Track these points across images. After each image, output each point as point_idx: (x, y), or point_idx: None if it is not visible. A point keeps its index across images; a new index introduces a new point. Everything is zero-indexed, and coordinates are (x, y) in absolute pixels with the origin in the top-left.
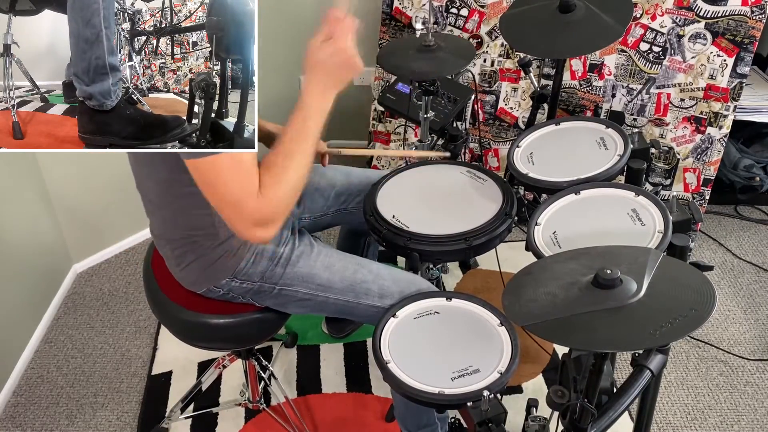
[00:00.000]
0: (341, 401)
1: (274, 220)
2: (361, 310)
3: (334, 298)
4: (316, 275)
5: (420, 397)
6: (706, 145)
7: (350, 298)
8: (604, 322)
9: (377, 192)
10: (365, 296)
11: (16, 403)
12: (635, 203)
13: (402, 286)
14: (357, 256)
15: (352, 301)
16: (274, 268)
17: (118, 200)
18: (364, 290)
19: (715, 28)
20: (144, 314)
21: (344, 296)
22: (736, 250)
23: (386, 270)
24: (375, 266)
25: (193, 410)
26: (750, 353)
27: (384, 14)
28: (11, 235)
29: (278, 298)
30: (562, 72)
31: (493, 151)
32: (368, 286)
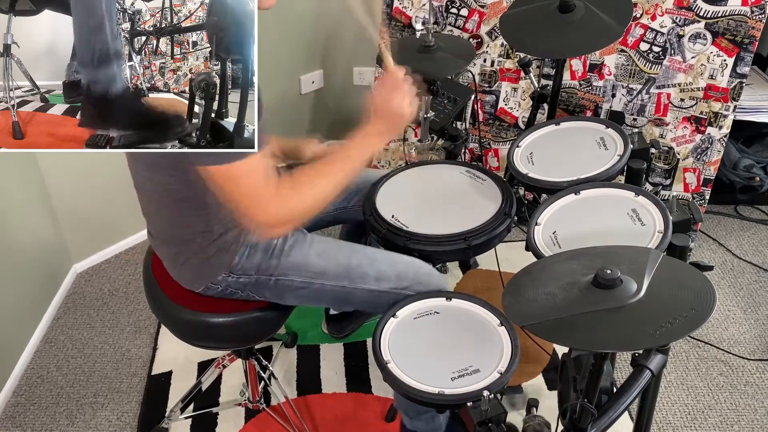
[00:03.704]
0: (341, 401)
1: (285, 222)
2: (359, 295)
3: (330, 285)
4: (311, 263)
5: (420, 397)
6: (706, 145)
7: (346, 284)
8: (604, 322)
9: (376, 192)
10: (361, 281)
11: (16, 403)
12: (635, 203)
13: (399, 269)
14: (352, 243)
15: (349, 287)
16: (269, 260)
17: (118, 200)
18: (359, 275)
19: (715, 28)
20: (144, 314)
21: (340, 282)
22: (736, 250)
23: (382, 254)
24: (370, 251)
25: (193, 410)
26: (750, 353)
27: (384, 14)
28: (11, 235)
29: (275, 289)
30: (562, 72)
31: (493, 151)
32: (364, 270)
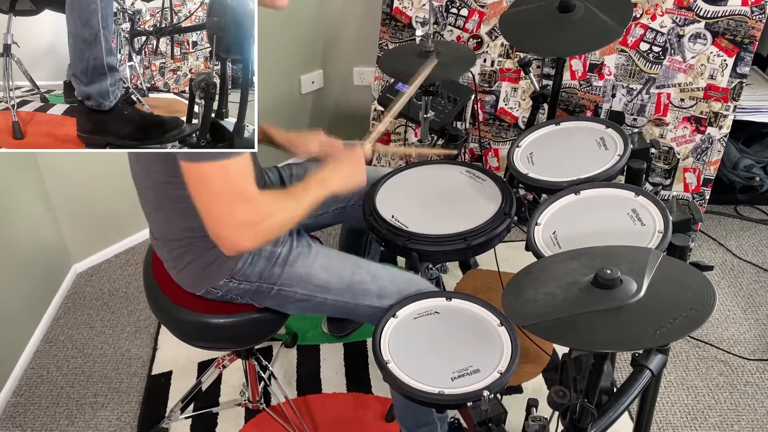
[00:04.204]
0: (341, 401)
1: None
2: (360, 310)
3: (333, 299)
4: (314, 276)
5: (420, 397)
6: (706, 145)
7: (348, 299)
8: (604, 322)
9: (376, 192)
10: (363, 297)
11: (16, 403)
12: (635, 203)
13: (400, 285)
14: (356, 257)
15: (351, 302)
16: (272, 269)
17: (117, 200)
18: (362, 291)
19: (715, 28)
20: (144, 314)
21: (342, 297)
22: (736, 250)
23: (384, 270)
24: (373, 267)
25: (193, 410)
26: (750, 353)
27: (384, 14)
28: (11, 235)
29: (277, 299)
30: (562, 72)
31: (493, 151)
32: (366, 286)
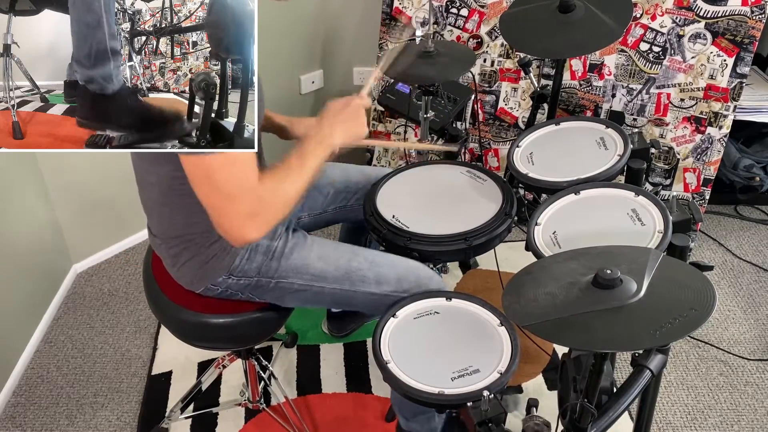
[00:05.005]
0: (341, 401)
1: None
2: (359, 298)
3: (330, 288)
4: (311, 265)
5: (420, 397)
6: (706, 145)
7: (346, 287)
8: (604, 322)
9: (377, 192)
10: (361, 283)
11: (16, 403)
12: (635, 203)
13: (399, 271)
14: (353, 245)
15: (349, 290)
16: (270, 262)
17: (118, 200)
18: (359, 278)
19: (715, 28)
20: (144, 314)
21: (340, 285)
22: (736, 250)
23: (382, 257)
24: (370, 253)
25: (193, 410)
26: (750, 353)
27: (384, 14)
28: (11, 235)
29: (276, 292)
30: (562, 72)
31: (493, 151)
32: (364, 273)
